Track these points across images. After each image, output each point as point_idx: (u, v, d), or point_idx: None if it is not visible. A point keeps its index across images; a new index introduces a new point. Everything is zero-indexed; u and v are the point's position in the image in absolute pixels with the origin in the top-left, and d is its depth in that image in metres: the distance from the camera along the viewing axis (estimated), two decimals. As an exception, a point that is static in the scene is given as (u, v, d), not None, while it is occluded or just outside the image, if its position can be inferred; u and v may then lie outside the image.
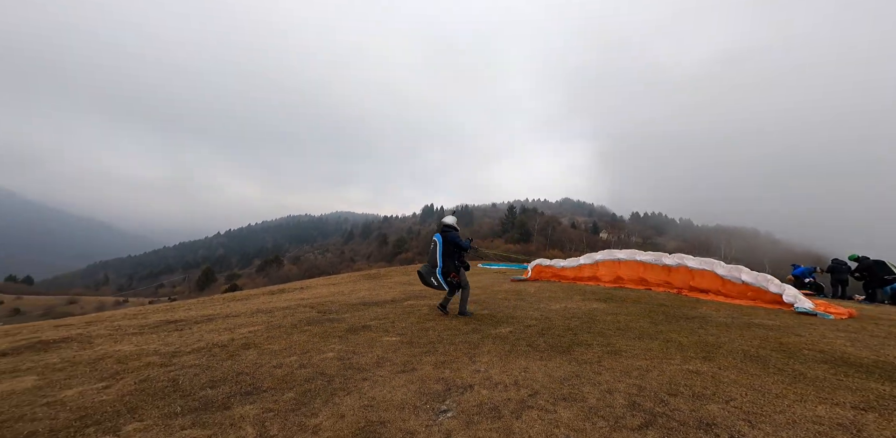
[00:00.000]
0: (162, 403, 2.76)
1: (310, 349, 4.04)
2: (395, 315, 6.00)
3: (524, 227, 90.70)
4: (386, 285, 12.69)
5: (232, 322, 5.84)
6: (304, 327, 5.19)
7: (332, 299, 9.15)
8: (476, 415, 2.54)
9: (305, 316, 6.07)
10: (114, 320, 7.14)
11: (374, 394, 2.86)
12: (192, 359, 3.78)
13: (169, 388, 3.03)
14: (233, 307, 8.69)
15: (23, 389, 3.05)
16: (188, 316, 7.07)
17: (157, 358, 3.83)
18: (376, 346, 4.15)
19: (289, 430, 2.35)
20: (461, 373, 3.32)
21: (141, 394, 2.91)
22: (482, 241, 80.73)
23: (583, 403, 2.73)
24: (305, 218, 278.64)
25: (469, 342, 4.32)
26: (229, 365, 3.57)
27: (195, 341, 4.57)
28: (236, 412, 2.60)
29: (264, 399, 2.80)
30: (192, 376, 3.29)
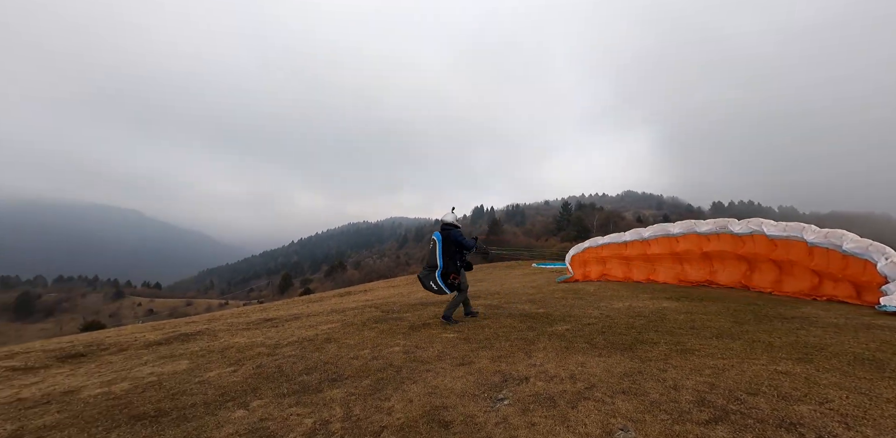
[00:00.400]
0: (273, 385, 3.45)
1: (379, 344, 4.58)
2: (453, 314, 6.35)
3: (581, 223, 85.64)
4: None
5: (314, 320, 6.77)
6: (373, 324, 5.82)
7: (393, 300, 9.91)
8: (532, 404, 2.73)
9: (372, 315, 6.76)
10: (226, 318, 8.70)
11: (436, 383, 3.21)
12: (290, 350, 4.56)
13: (276, 373, 3.75)
14: (312, 308, 9.92)
15: (181, 370, 4.04)
16: (279, 315, 8.31)
17: (265, 349, 4.70)
18: (436, 342, 4.53)
19: (368, 411, 2.80)
20: (517, 367, 3.52)
21: (258, 377, 3.67)
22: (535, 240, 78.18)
23: (643, 397, 2.73)
24: (364, 225, 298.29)
25: (525, 339, 4.47)
26: (317, 356, 4.25)
27: (289, 335, 5.46)
28: (327, 394, 3.16)
29: (347, 385, 3.33)
30: (291, 364, 4.01)
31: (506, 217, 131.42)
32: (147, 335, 6.12)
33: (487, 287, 11.56)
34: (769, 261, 7.67)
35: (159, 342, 5.59)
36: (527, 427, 2.42)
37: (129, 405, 3.12)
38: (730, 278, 8.54)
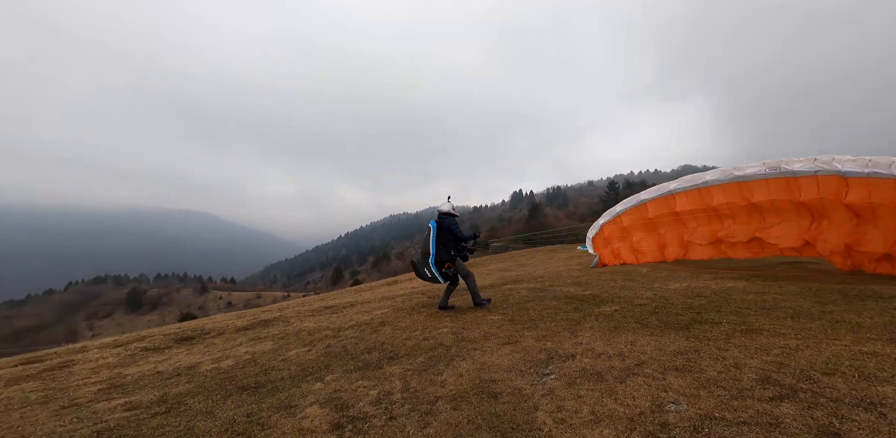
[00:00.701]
0: (341, 362, 3.93)
1: (428, 326, 4.93)
2: (495, 298, 6.54)
3: (630, 203, 79.40)
4: (482, 272, 13.40)
5: (368, 307, 7.38)
6: (421, 309, 6.22)
7: (437, 286, 10.32)
8: (578, 378, 2.83)
9: (419, 301, 7.19)
10: (293, 307, 9.77)
11: (484, 360, 3.44)
12: (351, 333, 5.10)
13: (342, 352, 4.25)
14: (364, 296, 10.73)
15: (267, 350, 4.74)
16: (337, 303, 9.15)
17: (330, 332, 5.30)
18: (482, 323, 4.76)
19: (423, 384, 3.11)
20: (563, 345, 3.62)
21: (328, 356, 4.19)
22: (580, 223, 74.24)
23: (699, 374, 2.69)
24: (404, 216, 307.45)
25: (570, 320, 4.52)
26: (375, 337, 4.71)
27: (348, 320, 6.05)
28: (387, 370, 3.54)
29: (403, 362, 3.69)
30: (354, 344, 4.51)
31: (546, 200, 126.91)
32: (236, 322, 7.14)
33: (531, 271, 11.53)
34: (843, 208, 5.79)
35: (246, 327, 6.52)
36: (573, 398, 2.54)
37: (234, 378, 3.78)
38: (787, 233, 6.62)
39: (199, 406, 3.11)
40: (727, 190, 7.03)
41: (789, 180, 6.25)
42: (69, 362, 4.99)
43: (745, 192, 6.83)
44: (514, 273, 11.27)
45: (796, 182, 6.18)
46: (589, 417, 2.28)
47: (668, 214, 8.11)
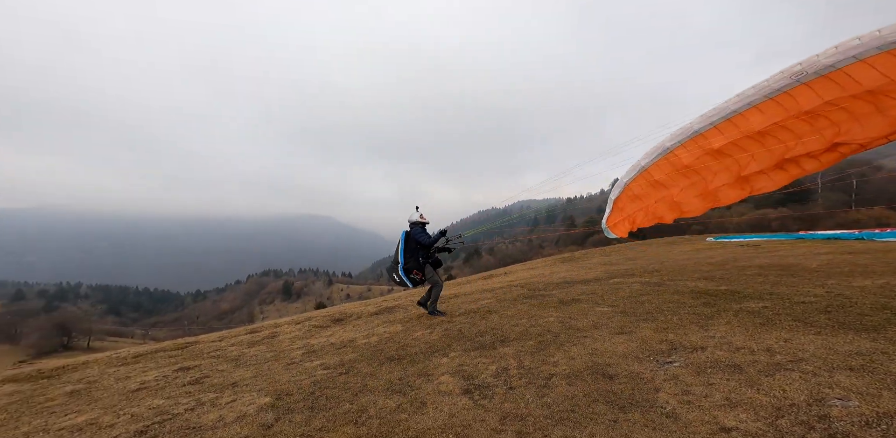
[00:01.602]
0: (460, 343, 4.64)
1: (534, 315, 5.27)
2: (602, 291, 6.42)
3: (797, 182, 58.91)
4: (585, 266, 12.83)
5: (471, 297, 8.10)
6: (523, 300, 6.58)
7: (536, 280, 10.44)
8: (709, 368, 2.80)
9: (520, 293, 7.54)
10: (406, 297, 11.30)
11: (596, 346, 3.62)
12: (463, 319, 5.82)
13: (459, 335, 4.97)
14: (464, 289, 11.60)
15: (399, 331, 5.84)
16: (442, 295, 10.21)
17: (445, 318, 6.16)
18: (590, 314, 4.86)
19: (536, 363, 3.50)
20: (689, 337, 3.51)
21: (447, 337, 4.97)
22: (714, 210, 60.42)
23: (885, 376, 2.38)
24: (492, 211, 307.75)
25: (698, 314, 4.28)
26: (485, 323, 5.30)
27: (458, 308, 6.85)
28: (500, 351, 4.05)
29: (514, 345, 4.14)
30: (468, 328, 5.19)
31: None
32: (367, 309, 8.80)
33: (643, 265, 10.59)
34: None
35: (376, 312, 8.01)
36: (703, 385, 2.56)
37: (381, 350, 4.86)
38: (871, 127, 4.95)
39: (366, 370, 4.18)
40: (767, 109, 5.36)
41: (848, 70, 4.60)
42: (275, 333, 7.08)
43: (789, 103, 5.15)
44: (622, 267, 10.53)
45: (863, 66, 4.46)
46: (722, 402, 2.31)
47: (707, 154, 6.29)
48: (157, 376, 4.52)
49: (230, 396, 3.57)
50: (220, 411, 3.21)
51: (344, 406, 3.21)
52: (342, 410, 3.14)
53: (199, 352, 5.88)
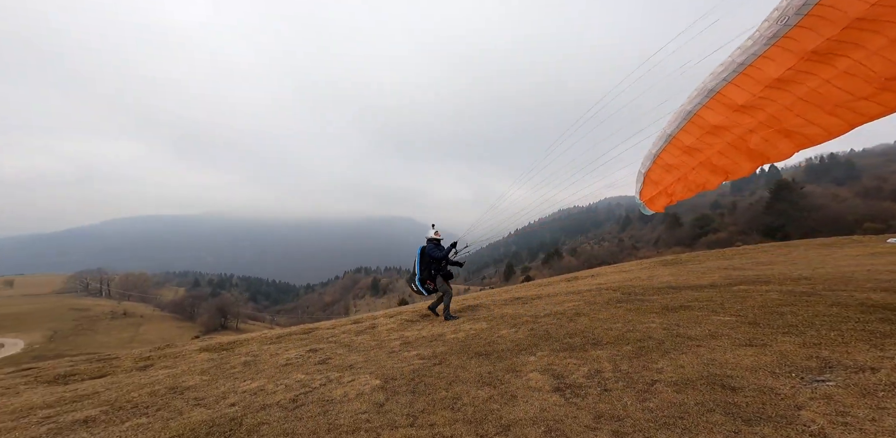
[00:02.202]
0: (547, 343, 4.60)
1: (630, 320, 4.88)
2: (722, 298, 5.58)
3: None
4: (695, 270, 11.11)
5: (556, 299, 7.83)
6: (616, 304, 6.11)
7: (631, 283, 9.49)
8: (882, 392, 2.26)
9: (612, 296, 7.00)
10: (486, 297, 11.52)
11: (713, 357, 3.21)
12: (548, 320, 5.73)
13: (545, 335, 4.92)
14: (546, 290, 11.23)
15: (484, 328, 6.06)
16: (524, 295, 10.09)
17: (529, 318, 6.13)
18: (704, 323, 4.29)
19: (635, 368, 3.27)
20: (854, 356, 2.88)
21: (533, 337, 4.97)
22: (891, 202, 46.03)
23: None
24: (575, 210, 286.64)
25: (870, 331, 3.46)
26: (572, 326, 5.12)
27: (541, 310, 6.74)
28: (592, 353, 3.89)
29: (608, 349, 3.93)
30: (554, 330, 5.10)
31: (811, 174, 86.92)
32: (451, 306, 9.28)
33: (782, 271, 8.73)
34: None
35: (459, 310, 8.40)
36: (869, 408, 2.10)
37: (469, 346, 5.13)
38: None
39: (456, 362, 4.49)
40: (776, 55, 4.29)
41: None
42: (374, 325, 8.07)
43: (793, 45, 4.07)
44: (749, 273, 8.86)
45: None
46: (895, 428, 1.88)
47: (735, 111, 5.22)
48: (296, 355, 5.59)
49: (350, 376, 4.23)
50: (345, 388, 3.85)
51: (440, 393, 3.53)
52: (439, 396, 3.46)
53: (320, 337, 7.07)
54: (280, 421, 3.09)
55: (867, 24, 3.52)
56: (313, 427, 2.97)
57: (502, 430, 2.61)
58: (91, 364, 6.24)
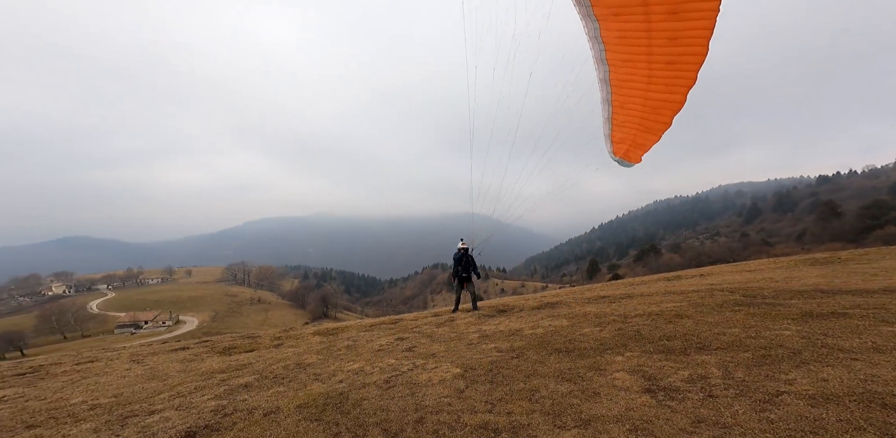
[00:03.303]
0: (637, 344, 4.17)
1: (753, 326, 4.08)
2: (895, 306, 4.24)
3: None
4: (859, 271, 8.61)
5: (651, 300, 6.96)
6: (733, 307, 5.15)
7: (757, 285, 7.83)
8: None
9: (728, 299, 5.90)
10: (567, 295, 10.89)
11: (874, 373, 2.50)
12: (640, 321, 5.16)
13: (636, 336, 4.46)
14: (640, 289, 10.02)
15: (564, 325, 5.81)
16: (611, 294, 9.21)
17: (616, 317, 5.62)
18: (866, 333, 3.37)
19: (755, 377, 2.76)
20: None
21: (621, 337, 4.55)
22: None
23: None
24: (676, 201, 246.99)
25: None
26: (672, 328, 4.51)
27: (632, 310, 6.08)
28: (696, 357, 3.40)
29: (718, 354, 3.38)
30: (648, 331, 4.58)
31: None
32: (528, 303, 9.07)
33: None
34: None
35: (538, 307, 8.15)
36: None
37: (547, 342, 4.99)
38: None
39: (535, 357, 4.41)
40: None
41: None
42: (453, 318, 8.44)
43: None
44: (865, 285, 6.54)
45: None
46: None
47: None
48: (387, 342, 6.21)
49: (433, 364, 4.55)
50: (429, 374, 4.17)
51: (518, 385, 3.56)
52: (517, 387, 3.50)
53: (405, 327, 7.70)
54: (377, 398, 3.52)
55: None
56: (403, 405, 3.31)
57: (581, 424, 2.55)
58: (244, 340, 7.99)
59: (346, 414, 3.20)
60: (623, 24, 4.60)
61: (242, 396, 3.89)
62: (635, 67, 5.10)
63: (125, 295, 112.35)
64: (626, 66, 5.23)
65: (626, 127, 6.48)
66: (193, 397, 3.94)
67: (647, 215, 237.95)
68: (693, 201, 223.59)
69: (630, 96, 5.75)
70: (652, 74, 5.01)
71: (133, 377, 5.06)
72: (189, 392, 4.12)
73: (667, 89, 5.05)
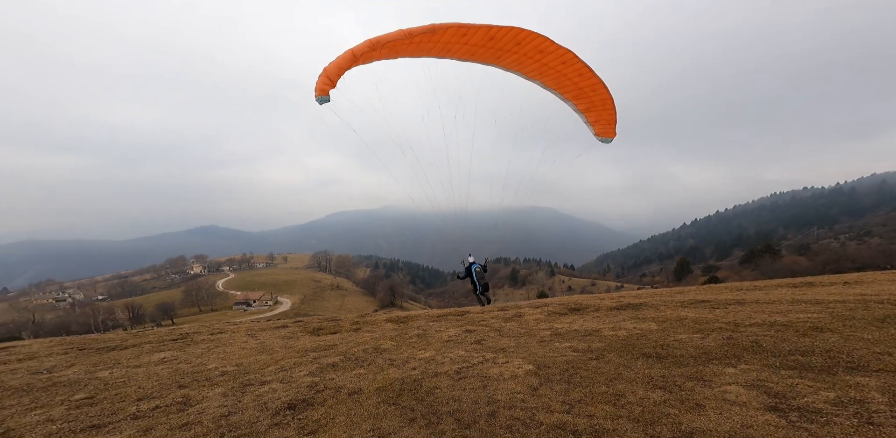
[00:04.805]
0: (755, 356, 3.47)
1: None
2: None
3: None
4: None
5: (769, 308, 5.74)
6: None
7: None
8: None
9: (891, 313, 4.52)
10: (654, 296, 9.63)
11: None
12: (758, 330, 4.28)
13: (755, 347, 3.72)
14: (754, 295, 8.30)
15: (653, 329, 5.15)
16: (711, 298, 7.85)
17: (723, 325, 4.78)
18: None
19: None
20: None
21: (732, 346, 3.84)
22: None
23: None
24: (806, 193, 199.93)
25: None
26: (808, 342, 3.64)
27: (745, 318, 5.08)
28: (847, 378, 2.72)
29: (879, 377, 2.67)
30: (773, 342, 3.77)
31: None
32: (604, 303, 8.27)
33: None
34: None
35: (616, 307, 7.38)
36: None
37: (633, 346, 4.47)
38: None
39: (617, 360, 3.99)
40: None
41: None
42: (520, 313, 8.16)
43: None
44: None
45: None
46: None
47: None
48: (455, 333, 6.26)
49: (504, 358, 4.43)
50: (500, 368, 4.08)
51: (600, 388, 3.26)
52: (598, 390, 3.21)
53: (472, 320, 7.70)
54: (449, 388, 3.56)
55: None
56: (475, 397, 3.29)
57: (683, 436, 2.27)
58: (328, 323, 8.91)
59: (421, 401, 3.30)
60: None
61: (331, 375, 4.27)
62: (562, 80, 7.91)
63: (240, 277, 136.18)
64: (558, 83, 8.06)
65: (592, 111, 8.44)
66: (293, 372, 4.45)
67: (761, 210, 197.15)
68: (831, 193, 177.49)
69: (572, 90, 8.05)
70: (570, 79, 7.80)
71: (249, 349, 5.98)
72: (290, 367, 4.68)
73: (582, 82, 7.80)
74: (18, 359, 5.91)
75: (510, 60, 7.28)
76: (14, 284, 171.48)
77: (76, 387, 4.32)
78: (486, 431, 2.68)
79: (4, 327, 68.98)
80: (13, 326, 69.89)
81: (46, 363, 5.59)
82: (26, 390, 4.29)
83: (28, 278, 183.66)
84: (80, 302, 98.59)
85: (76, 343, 7.08)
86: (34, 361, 5.76)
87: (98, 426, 3.19)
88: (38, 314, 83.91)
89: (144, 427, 3.09)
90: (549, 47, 6.86)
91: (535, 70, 7.43)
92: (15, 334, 55.76)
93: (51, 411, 3.62)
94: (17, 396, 4.10)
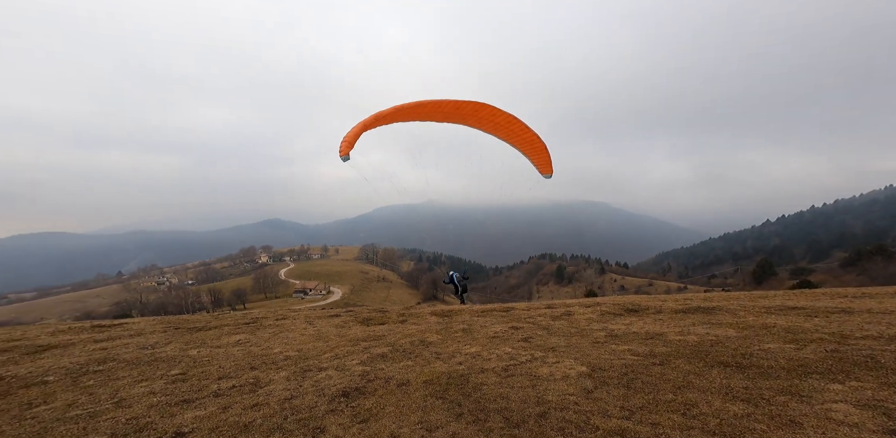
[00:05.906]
0: (869, 372, 2.93)
1: None
2: None
3: None
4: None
5: (886, 319, 4.74)
6: None
7: None
8: None
9: None
10: (724, 300, 8.52)
11: None
12: (874, 344, 3.60)
13: (867, 362, 3.13)
14: (859, 304, 6.95)
15: (731, 336, 4.54)
16: (804, 305, 6.74)
17: (825, 336, 4.07)
18: None
19: None
20: None
21: (837, 361, 3.25)
22: None
23: None
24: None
25: None
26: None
27: (853, 329, 4.27)
28: None
29: None
30: (892, 359, 3.11)
31: None
32: (668, 304, 7.52)
33: None
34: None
35: (682, 310, 6.67)
36: None
37: (707, 353, 3.98)
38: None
39: (687, 367, 3.58)
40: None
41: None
42: (570, 312, 7.74)
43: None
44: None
45: None
46: None
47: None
48: (501, 330, 6.09)
49: (554, 358, 4.22)
50: (550, 368, 3.89)
51: (666, 395, 2.96)
52: (664, 398, 2.92)
53: (517, 317, 7.48)
54: (496, 385, 3.47)
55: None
56: (524, 396, 3.17)
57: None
58: (377, 314, 9.24)
59: (468, 397, 3.26)
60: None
61: (380, 365, 4.37)
62: (509, 134, 10.25)
63: (299, 267, 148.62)
64: (507, 136, 10.37)
65: (532, 155, 10.54)
66: (347, 360, 4.63)
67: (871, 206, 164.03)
68: None
69: (517, 141, 10.27)
70: (515, 133, 10.11)
71: (308, 335, 6.38)
72: (344, 355, 4.89)
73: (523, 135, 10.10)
74: (129, 335, 6.95)
75: (472, 122, 10.00)
76: (127, 268, 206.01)
77: (172, 363, 4.86)
78: (536, 432, 2.57)
79: (119, 305, 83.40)
80: (125, 304, 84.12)
81: (150, 339, 6.44)
82: (135, 363, 4.91)
83: (138, 263, 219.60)
84: (174, 286, 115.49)
85: (173, 323, 8.21)
86: (141, 337, 6.68)
87: (188, 401, 3.55)
88: (144, 295, 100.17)
89: (223, 405, 3.40)
90: (497, 113, 9.45)
91: (490, 128, 10.14)
92: (126, 312, 67.24)
93: (153, 384, 4.02)
94: (128, 368, 4.70)
